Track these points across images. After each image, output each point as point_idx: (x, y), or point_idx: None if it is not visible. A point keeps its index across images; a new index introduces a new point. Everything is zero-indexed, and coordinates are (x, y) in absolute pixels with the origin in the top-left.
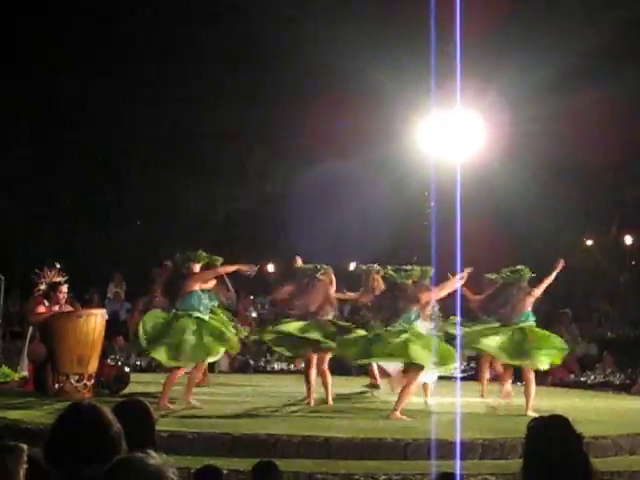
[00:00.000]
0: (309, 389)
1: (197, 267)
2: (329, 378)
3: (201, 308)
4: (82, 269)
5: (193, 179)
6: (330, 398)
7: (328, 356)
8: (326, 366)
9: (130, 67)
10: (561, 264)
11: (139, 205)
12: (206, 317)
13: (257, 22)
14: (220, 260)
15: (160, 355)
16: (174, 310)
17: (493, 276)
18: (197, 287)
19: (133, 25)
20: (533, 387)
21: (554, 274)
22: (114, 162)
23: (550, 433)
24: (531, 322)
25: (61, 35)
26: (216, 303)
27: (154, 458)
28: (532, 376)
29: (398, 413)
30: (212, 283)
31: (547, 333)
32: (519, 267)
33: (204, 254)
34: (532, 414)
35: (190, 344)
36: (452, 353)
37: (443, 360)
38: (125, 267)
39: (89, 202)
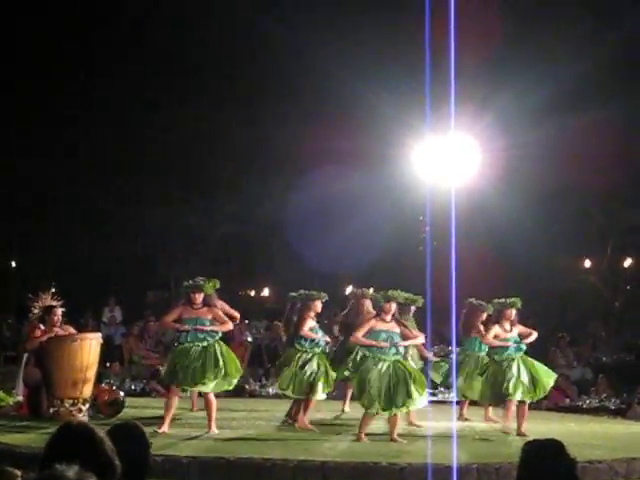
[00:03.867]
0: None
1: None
2: None
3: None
4: (77, 293)
5: (190, 201)
6: None
7: None
8: None
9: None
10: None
11: (135, 226)
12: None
13: (256, 43)
14: (217, 283)
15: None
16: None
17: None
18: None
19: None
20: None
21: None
22: (111, 181)
23: (544, 456)
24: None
25: (62, 36)
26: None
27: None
28: (511, 405)
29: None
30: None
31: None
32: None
33: (211, 284)
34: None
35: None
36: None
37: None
38: (120, 291)
39: (84, 225)
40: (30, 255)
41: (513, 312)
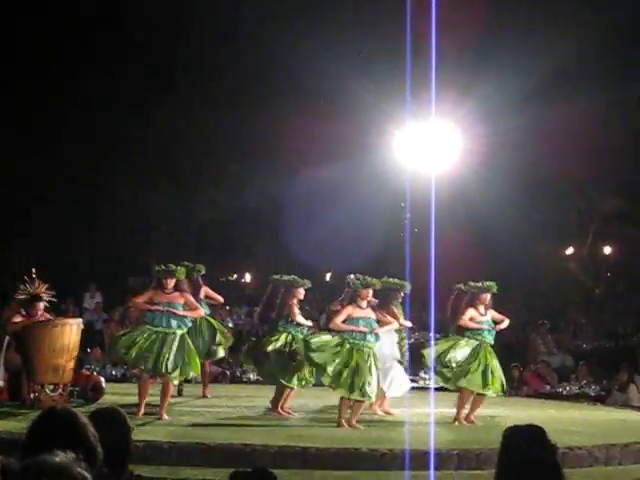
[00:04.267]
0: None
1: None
2: None
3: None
4: (58, 278)
5: (172, 186)
6: None
7: None
8: None
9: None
10: (506, 323)
11: (117, 214)
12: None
13: (236, 35)
14: (202, 269)
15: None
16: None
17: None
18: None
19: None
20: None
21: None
22: (93, 171)
23: (524, 442)
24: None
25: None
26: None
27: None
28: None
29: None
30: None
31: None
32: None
33: (183, 270)
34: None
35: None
36: None
37: None
38: (101, 277)
39: (65, 211)
40: (10, 243)
41: (488, 296)
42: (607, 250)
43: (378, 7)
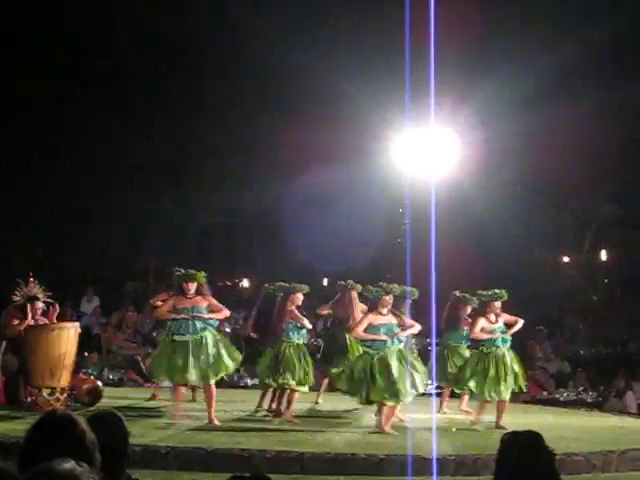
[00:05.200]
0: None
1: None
2: None
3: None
4: (56, 282)
5: (171, 190)
6: None
7: None
8: None
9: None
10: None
11: (115, 218)
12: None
13: (233, 38)
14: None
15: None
16: None
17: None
18: None
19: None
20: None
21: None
22: (94, 172)
23: (522, 448)
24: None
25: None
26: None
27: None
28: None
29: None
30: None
31: None
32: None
33: (203, 273)
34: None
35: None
36: None
37: None
38: (98, 281)
39: (64, 214)
40: (7, 246)
41: (498, 304)
42: (604, 256)
43: (377, 13)
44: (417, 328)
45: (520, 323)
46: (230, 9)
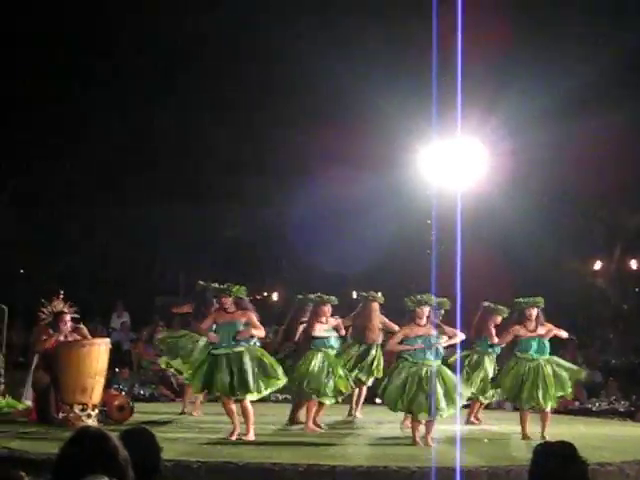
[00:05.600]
0: None
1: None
2: None
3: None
4: (85, 299)
5: (193, 206)
6: None
7: None
8: None
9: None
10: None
11: (140, 232)
12: None
13: (256, 49)
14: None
15: None
16: None
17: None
18: None
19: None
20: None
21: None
22: (115, 186)
23: (555, 459)
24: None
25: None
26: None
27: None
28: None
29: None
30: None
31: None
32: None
33: (240, 288)
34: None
35: None
36: None
37: None
38: (128, 297)
39: (91, 230)
40: (38, 261)
41: (534, 311)
42: (634, 265)
43: (405, 23)
44: (461, 336)
45: (562, 334)
46: (252, 13)
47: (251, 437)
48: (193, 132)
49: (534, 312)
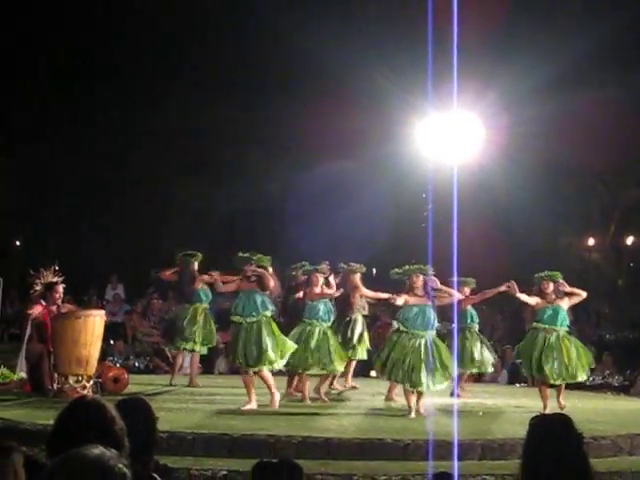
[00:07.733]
0: None
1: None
2: None
3: None
4: (80, 271)
5: (192, 179)
6: None
7: None
8: None
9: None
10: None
11: (138, 206)
12: None
13: (256, 25)
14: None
15: None
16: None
17: None
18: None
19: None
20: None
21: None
22: (115, 161)
23: (551, 431)
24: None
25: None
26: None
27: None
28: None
29: None
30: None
31: None
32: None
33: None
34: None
35: None
36: None
37: None
38: (123, 268)
39: (87, 203)
40: (33, 234)
41: (551, 285)
42: (630, 240)
43: None
44: (455, 296)
45: (580, 295)
46: None
47: (276, 404)
48: (197, 112)
49: (550, 286)
